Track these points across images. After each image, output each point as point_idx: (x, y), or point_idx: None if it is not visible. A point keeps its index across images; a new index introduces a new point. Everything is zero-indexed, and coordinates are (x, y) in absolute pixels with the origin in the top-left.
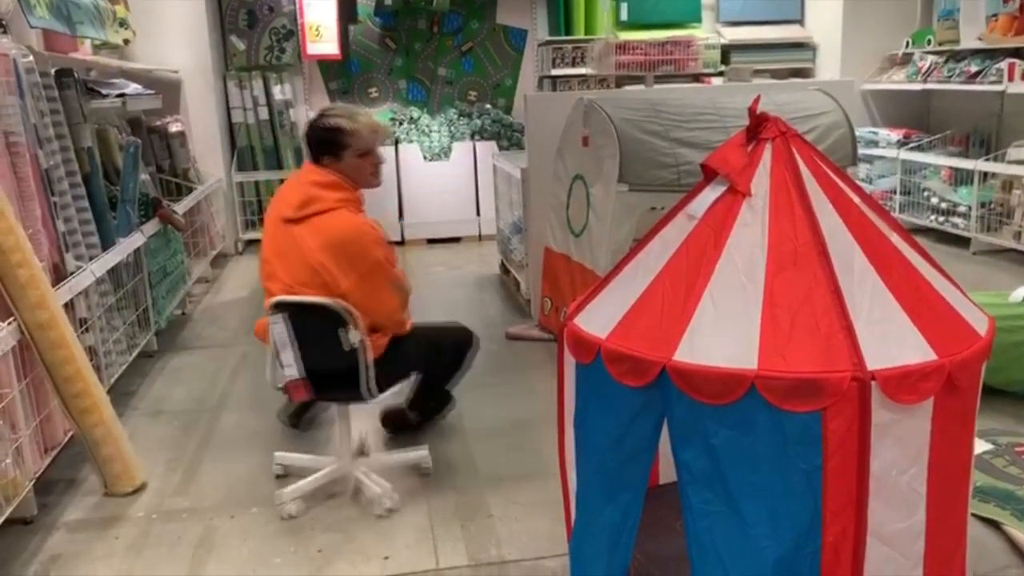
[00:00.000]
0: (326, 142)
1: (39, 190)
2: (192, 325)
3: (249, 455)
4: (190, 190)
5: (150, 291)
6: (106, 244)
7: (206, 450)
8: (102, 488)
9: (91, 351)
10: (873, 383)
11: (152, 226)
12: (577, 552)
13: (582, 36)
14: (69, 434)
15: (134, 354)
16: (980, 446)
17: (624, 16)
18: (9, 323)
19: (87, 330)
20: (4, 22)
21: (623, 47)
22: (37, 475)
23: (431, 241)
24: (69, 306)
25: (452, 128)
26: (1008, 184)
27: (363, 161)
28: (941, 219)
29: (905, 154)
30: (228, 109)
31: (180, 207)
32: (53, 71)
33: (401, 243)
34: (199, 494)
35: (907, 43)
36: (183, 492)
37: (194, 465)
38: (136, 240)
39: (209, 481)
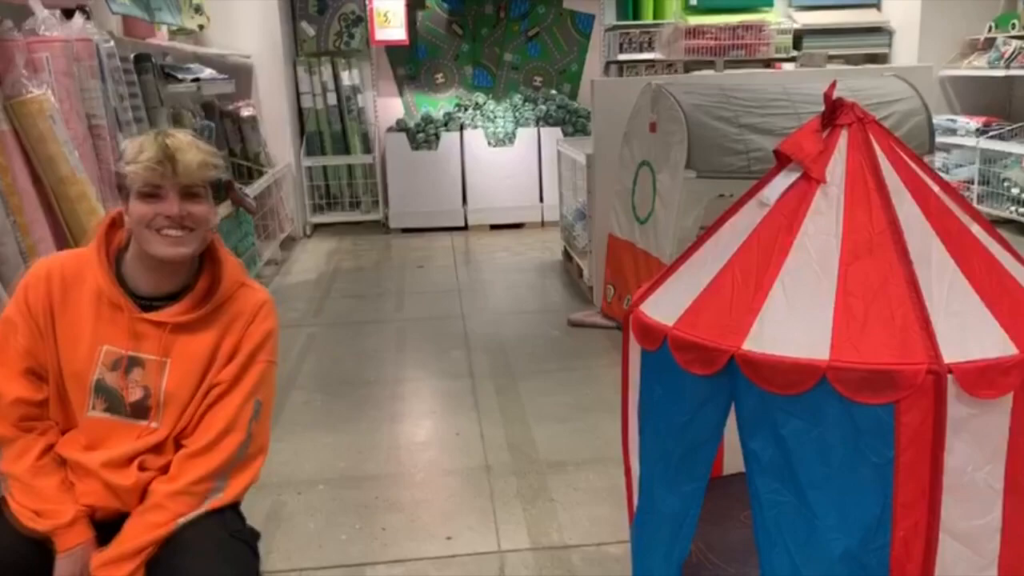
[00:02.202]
0: None
1: None
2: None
3: (316, 433)
4: (261, 174)
5: None
6: None
7: (275, 427)
8: None
9: None
10: (950, 376)
11: (224, 208)
12: (638, 539)
13: (650, 20)
14: None
15: None
16: None
17: (694, 0)
18: None
19: None
20: (87, 8)
21: (692, 32)
22: None
23: (494, 227)
24: None
25: (517, 114)
26: None
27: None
28: (1022, 210)
29: (985, 143)
30: (298, 94)
31: (251, 190)
32: (132, 56)
33: (464, 228)
34: (267, 470)
35: (990, 27)
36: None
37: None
38: None
39: (277, 458)
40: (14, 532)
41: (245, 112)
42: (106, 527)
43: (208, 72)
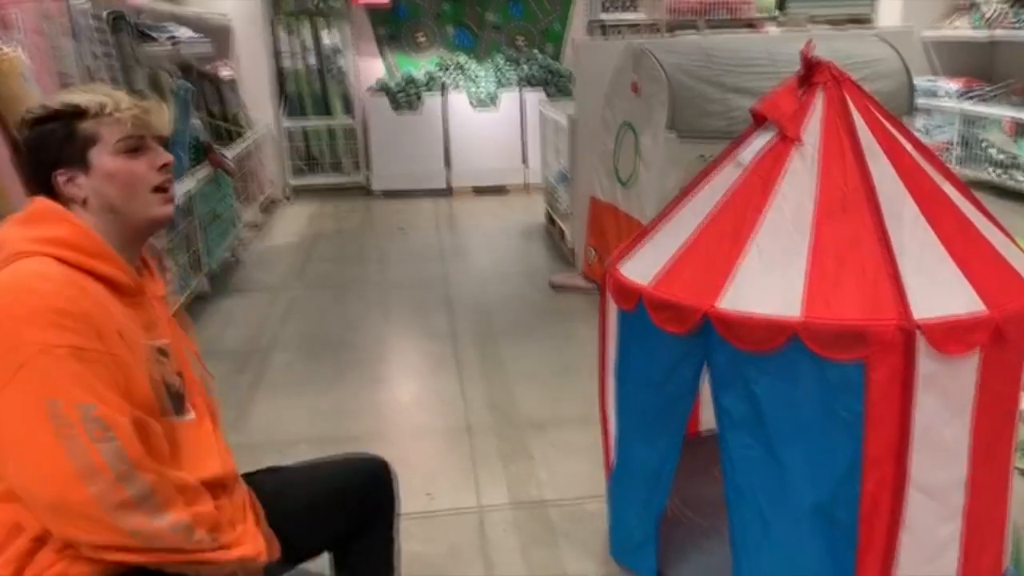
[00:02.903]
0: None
1: None
2: (243, 269)
3: (299, 395)
4: (240, 136)
5: (201, 234)
6: None
7: (257, 389)
8: None
9: None
10: (919, 333)
11: (203, 170)
12: (615, 495)
13: None
14: None
15: (186, 296)
16: None
17: None
18: None
19: None
20: None
21: None
22: None
23: (477, 190)
24: None
25: (499, 75)
26: None
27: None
28: (1000, 173)
29: (965, 105)
30: (277, 55)
31: (230, 152)
32: (106, 15)
33: (448, 191)
34: (250, 431)
35: None
36: (235, 429)
37: (245, 404)
38: (188, 184)
39: (260, 419)
40: None
41: (224, 73)
42: None
43: (185, 32)
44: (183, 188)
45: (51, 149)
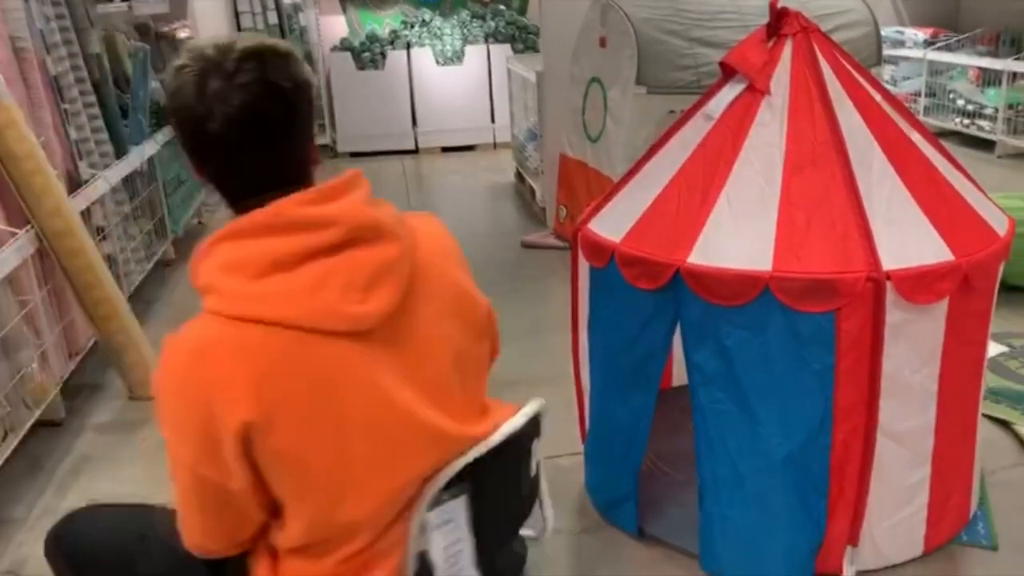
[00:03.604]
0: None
1: (49, 97)
2: (209, 234)
3: None
4: None
5: (165, 200)
6: (119, 152)
7: None
8: (127, 392)
9: (109, 259)
10: (888, 283)
11: (164, 135)
12: (591, 451)
13: None
14: (92, 341)
15: (152, 262)
16: (995, 348)
17: None
18: (27, 231)
19: (104, 238)
20: None
21: None
22: (63, 380)
23: (445, 149)
24: (85, 214)
25: (465, 31)
26: None
27: None
28: (967, 122)
29: (932, 54)
30: (236, 13)
31: None
32: None
33: (415, 151)
34: None
35: None
36: None
37: None
38: (149, 148)
39: None
40: None
41: (182, 34)
42: None
43: None
44: (144, 153)
45: None
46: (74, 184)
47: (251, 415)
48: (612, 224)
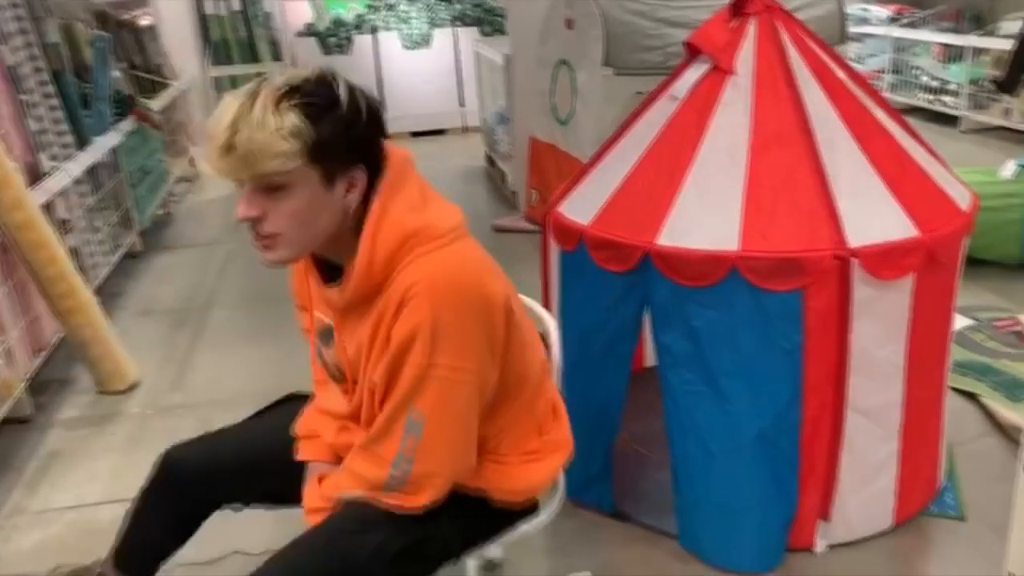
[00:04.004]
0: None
1: (5, 88)
2: (176, 224)
3: (240, 350)
4: (164, 86)
5: (130, 191)
6: (81, 144)
7: (197, 347)
8: (95, 387)
9: (74, 252)
10: (854, 260)
11: (128, 124)
12: None
13: None
14: (59, 335)
15: (119, 255)
16: (960, 322)
17: None
18: None
19: (68, 231)
20: None
21: None
22: (30, 376)
23: (415, 134)
24: (48, 207)
25: (431, 14)
26: (999, 60)
27: None
28: (931, 98)
29: (896, 31)
30: (199, 1)
31: (155, 104)
32: None
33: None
34: (193, 390)
35: None
36: (177, 388)
37: (186, 362)
38: (112, 139)
39: (202, 377)
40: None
41: (143, 21)
42: None
43: None
44: (107, 144)
45: None
46: (35, 176)
47: (506, 288)
48: (581, 208)
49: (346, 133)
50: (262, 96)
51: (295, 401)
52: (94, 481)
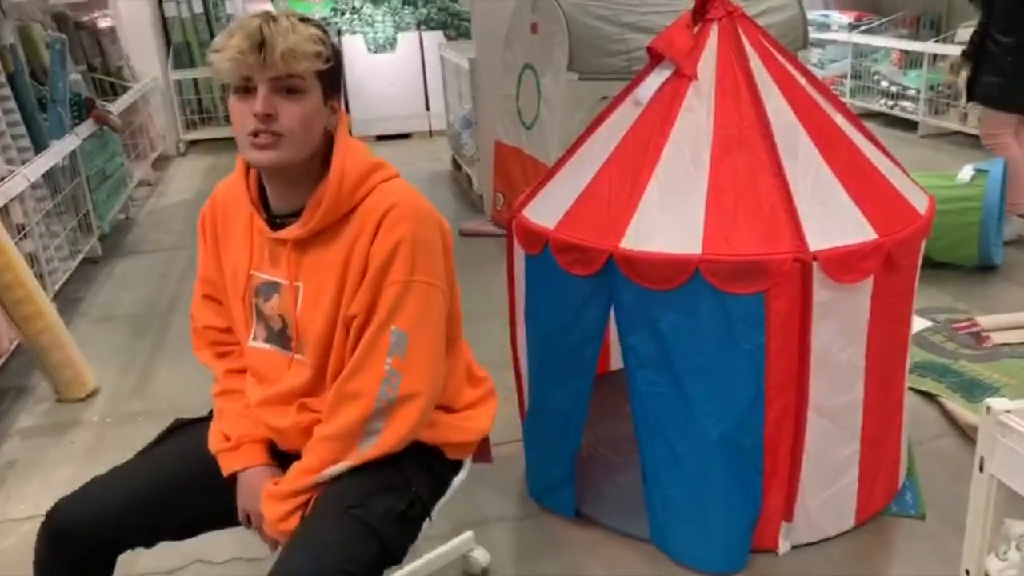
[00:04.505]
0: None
1: None
2: (137, 229)
3: None
4: (125, 89)
5: (90, 195)
6: (39, 147)
7: (158, 354)
8: (54, 395)
9: (31, 258)
10: (815, 264)
11: (87, 127)
12: (530, 436)
13: None
14: (15, 343)
15: (78, 260)
16: (919, 323)
17: None
18: None
19: (25, 236)
20: None
21: None
22: None
23: (380, 138)
24: (4, 212)
25: (396, 17)
26: (956, 66)
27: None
28: (891, 103)
29: (856, 37)
30: (160, 2)
31: (115, 107)
32: None
33: None
34: (153, 397)
35: None
36: (137, 396)
37: (147, 369)
38: (70, 142)
39: (163, 384)
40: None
41: (102, 23)
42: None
43: None
44: (66, 147)
45: None
46: None
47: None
48: (546, 211)
49: (337, 61)
50: (281, 15)
51: (187, 427)
52: (53, 491)
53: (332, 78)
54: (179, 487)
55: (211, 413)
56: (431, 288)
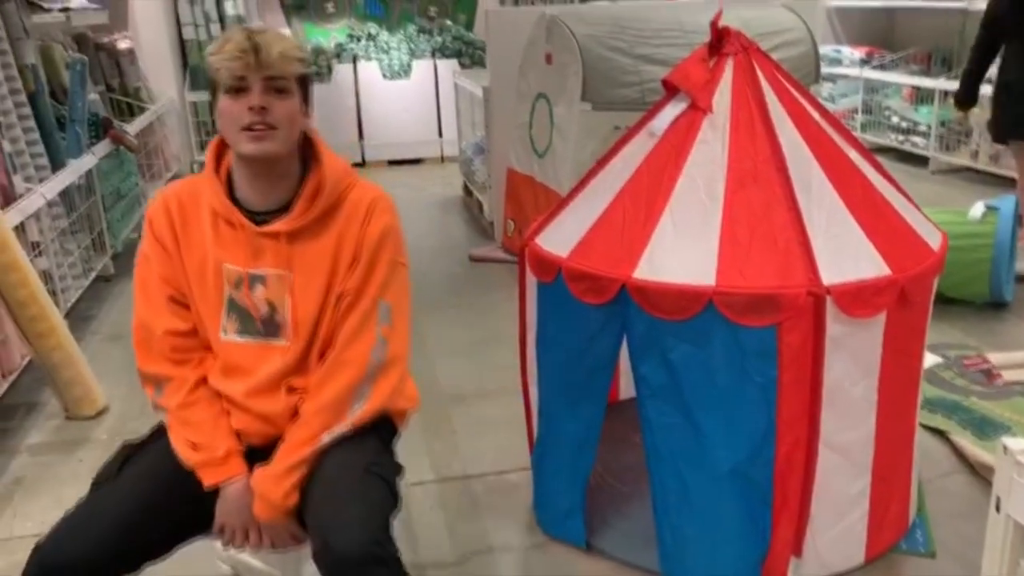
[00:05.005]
0: None
1: None
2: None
3: None
4: (142, 110)
5: (104, 214)
6: (56, 166)
7: None
8: (63, 412)
9: (46, 275)
10: (828, 298)
11: (103, 147)
12: (540, 465)
13: None
14: (27, 359)
15: (91, 278)
16: (930, 360)
17: None
18: None
19: (40, 254)
20: None
21: None
22: None
23: (392, 163)
24: (20, 229)
25: (412, 45)
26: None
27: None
28: (901, 138)
29: (868, 73)
30: (179, 25)
31: (132, 127)
32: None
33: (362, 164)
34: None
35: None
36: (146, 414)
37: None
38: (87, 161)
39: None
40: (170, 460)
41: (122, 45)
42: (266, 452)
43: (78, 1)
44: (82, 166)
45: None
46: (8, 198)
47: None
48: (559, 239)
49: (309, 73)
50: (265, 30)
51: (140, 450)
52: (60, 508)
53: (307, 85)
54: (155, 508)
55: (156, 431)
56: (405, 268)
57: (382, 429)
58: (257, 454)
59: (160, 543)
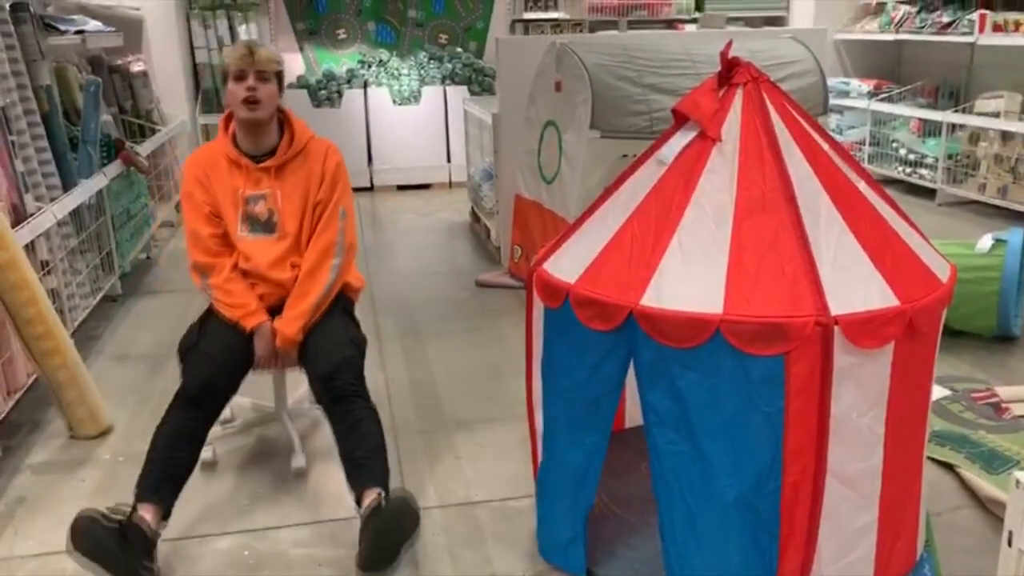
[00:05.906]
0: None
1: None
2: (157, 269)
3: None
4: (153, 132)
5: (113, 234)
6: (67, 185)
7: (172, 394)
8: (67, 431)
9: (54, 294)
10: (836, 328)
11: (114, 168)
12: (543, 492)
13: None
14: (32, 377)
15: (98, 298)
16: (938, 392)
17: None
18: None
19: (49, 272)
20: None
21: None
22: (0, 418)
23: (401, 187)
24: (30, 248)
25: (422, 72)
26: (975, 136)
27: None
28: (909, 170)
29: (875, 105)
30: (192, 49)
31: (143, 149)
32: (7, 5)
33: (370, 189)
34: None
35: None
36: (150, 435)
37: (160, 409)
38: (98, 182)
39: None
40: (225, 325)
41: (135, 67)
42: (279, 311)
43: (93, 24)
44: (93, 186)
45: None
46: (19, 217)
47: None
48: (567, 265)
49: (282, 72)
50: (258, 45)
51: (202, 325)
52: (61, 528)
53: (281, 78)
54: (234, 347)
55: (202, 318)
56: (351, 187)
57: (346, 304)
58: (273, 313)
59: (241, 371)
